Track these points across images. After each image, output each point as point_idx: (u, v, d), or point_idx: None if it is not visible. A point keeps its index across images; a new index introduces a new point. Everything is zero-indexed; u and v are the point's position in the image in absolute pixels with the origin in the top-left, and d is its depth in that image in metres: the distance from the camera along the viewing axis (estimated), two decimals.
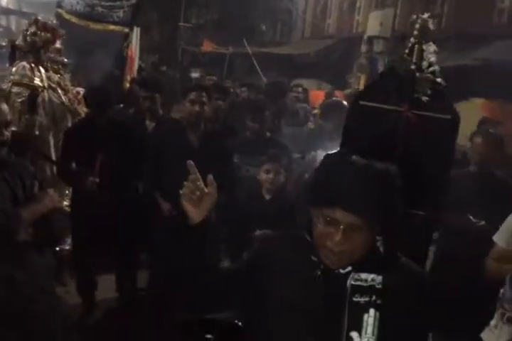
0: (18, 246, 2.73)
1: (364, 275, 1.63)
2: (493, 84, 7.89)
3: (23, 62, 4.76)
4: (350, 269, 1.62)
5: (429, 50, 2.61)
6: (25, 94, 4.63)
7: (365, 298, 1.61)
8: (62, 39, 5.30)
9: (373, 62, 10.89)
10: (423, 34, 2.65)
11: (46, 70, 4.83)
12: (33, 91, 4.62)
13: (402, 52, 2.71)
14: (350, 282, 1.62)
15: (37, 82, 4.69)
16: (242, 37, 14.19)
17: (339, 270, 1.62)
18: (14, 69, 4.79)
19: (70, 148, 4.15)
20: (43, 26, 4.71)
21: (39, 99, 4.63)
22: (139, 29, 9.64)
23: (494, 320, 2.76)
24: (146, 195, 4.27)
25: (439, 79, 2.65)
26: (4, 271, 2.57)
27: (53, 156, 4.71)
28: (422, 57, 2.63)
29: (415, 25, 2.66)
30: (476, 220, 3.49)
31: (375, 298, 1.61)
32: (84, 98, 4.43)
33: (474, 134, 3.94)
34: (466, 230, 3.49)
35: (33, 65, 4.72)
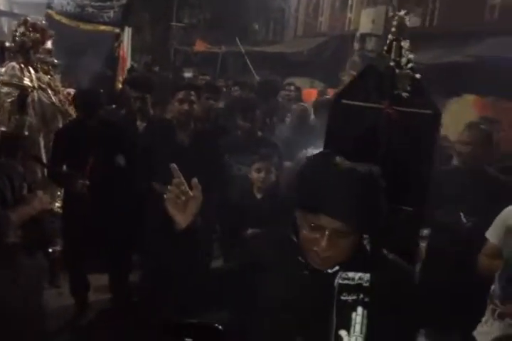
0: (7, 248, 2.72)
1: (351, 274, 1.63)
2: (485, 80, 7.91)
3: (12, 62, 4.75)
4: (337, 269, 1.62)
5: (407, 47, 2.62)
6: (15, 94, 4.63)
7: (352, 297, 1.61)
8: (53, 40, 5.29)
9: (366, 59, 10.89)
10: (400, 31, 2.65)
11: (36, 71, 4.83)
12: (23, 91, 4.62)
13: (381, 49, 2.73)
14: (337, 281, 1.62)
15: (26, 82, 4.69)
16: (234, 36, 14.16)
17: (327, 270, 1.62)
18: (3, 69, 4.78)
19: (60, 149, 4.14)
20: (32, 27, 4.71)
21: (29, 99, 4.63)
22: (131, 29, 9.64)
23: (485, 316, 2.77)
24: (137, 195, 4.25)
25: (417, 75, 2.65)
26: None
27: (44, 157, 4.70)
28: (401, 53, 2.63)
29: (392, 22, 2.66)
30: (466, 218, 3.48)
31: (363, 296, 1.61)
32: (73, 100, 4.43)
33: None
34: (456, 227, 3.48)
35: (22, 65, 4.71)
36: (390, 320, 1.59)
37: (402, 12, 2.68)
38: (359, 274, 1.63)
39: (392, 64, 2.61)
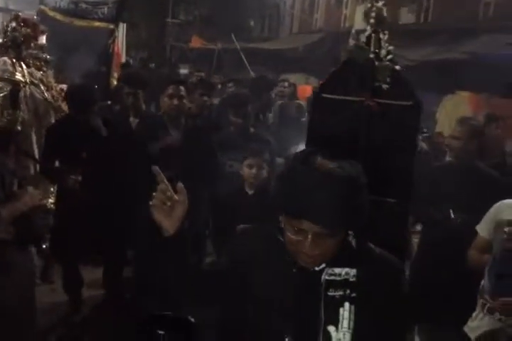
0: None
1: (338, 270, 1.63)
2: (479, 77, 7.91)
3: (4, 57, 4.73)
4: (324, 266, 1.62)
5: (386, 39, 2.61)
6: (7, 89, 4.61)
7: (339, 292, 1.61)
8: (47, 36, 5.28)
9: None
10: (379, 22, 2.63)
11: (28, 66, 4.81)
12: (15, 86, 4.60)
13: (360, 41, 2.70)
14: (324, 277, 1.62)
15: (18, 77, 4.67)
16: (230, 33, 14.14)
17: (314, 268, 1.62)
18: None
19: (52, 145, 4.12)
20: (24, 22, 4.69)
21: (21, 94, 4.61)
22: (126, 25, 9.63)
23: (476, 311, 2.78)
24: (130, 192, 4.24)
25: (397, 67, 2.64)
26: None
27: (36, 153, 4.69)
28: (380, 45, 2.62)
29: (371, 13, 2.64)
30: (456, 214, 3.48)
31: (350, 291, 1.61)
32: (65, 95, 4.41)
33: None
34: (446, 223, 3.49)
35: (14, 60, 4.69)
36: (378, 314, 1.60)
37: (380, 3, 2.65)
38: (345, 270, 1.63)
39: (371, 56, 2.60)
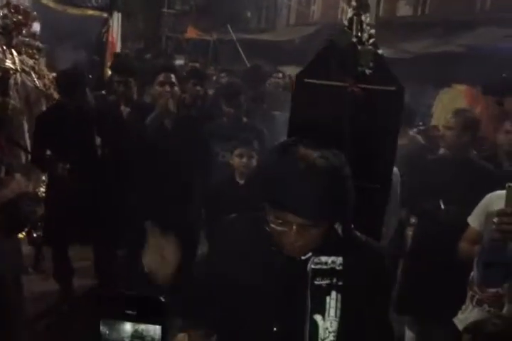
0: None
1: (324, 259, 1.62)
2: (475, 70, 7.89)
3: None
4: (310, 254, 1.61)
5: (368, 22, 2.56)
6: None
7: (326, 281, 1.61)
8: (40, 24, 5.23)
9: None
10: (360, 5, 2.59)
11: (19, 53, 4.78)
12: (5, 73, 4.56)
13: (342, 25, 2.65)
14: (310, 266, 1.61)
15: (8, 64, 4.64)
16: (226, 23, 14.06)
17: (300, 257, 1.61)
18: None
19: (42, 133, 4.10)
20: (15, 9, 4.65)
21: (11, 81, 4.57)
22: (121, 15, 9.53)
23: (465, 304, 2.78)
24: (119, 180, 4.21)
25: (380, 51, 2.61)
26: None
27: (27, 141, 4.67)
28: (362, 29, 2.58)
29: None
30: (449, 206, 3.47)
31: (336, 279, 1.61)
32: (56, 80, 4.38)
33: None
34: (436, 214, 3.49)
35: (4, 47, 4.66)
36: (364, 300, 1.60)
37: None
38: (331, 258, 1.62)
39: (354, 40, 2.55)
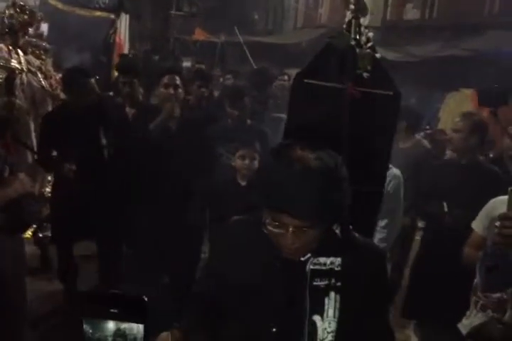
0: None
1: (322, 259, 1.62)
2: (483, 74, 7.88)
3: (0, 44, 4.71)
4: (309, 256, 1.62)
5: (366, 24, 2.56)
6: (2, 76, 4.60)
7: (324, 282, 1.61)
8: (48, 24, 5.25)
9: None
10: (359, 7, 2.58)
11: (25, 53, 4.79)
12: (11, 73, 4.57)
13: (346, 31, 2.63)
14: (309, 267, 1.61)
15: (14, 64, 4.65)
16: (234, 26, 14.07)
17: (299, 258, 1.62)
18: None
19: (48, 133, 4.10)
20: (20, 9, 4.66)
21: (17, 81, 4.58)
22: (129, 16, 9.54)
23: (470, 309, 2.76)
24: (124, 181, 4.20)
25: (378, 55, 2.60)
26: None
27: (34, 141, 4.68)
28: (361, 32, 2.57)
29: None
30: (452, 209, 3.46)
31: (335, 280, 1.61)
32: (62, 80, 4.37)
33: None
34: (440, 217, 3.48)
35: (10, 47, 4.68)
36: (363, 301, 1.61)
37: None
38: (330, 259, 1.63)
39: (352, 43, 2.55)
